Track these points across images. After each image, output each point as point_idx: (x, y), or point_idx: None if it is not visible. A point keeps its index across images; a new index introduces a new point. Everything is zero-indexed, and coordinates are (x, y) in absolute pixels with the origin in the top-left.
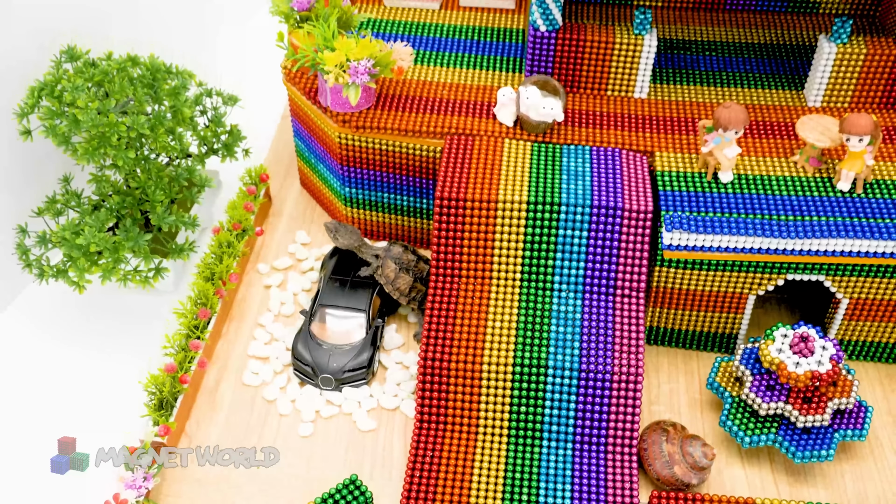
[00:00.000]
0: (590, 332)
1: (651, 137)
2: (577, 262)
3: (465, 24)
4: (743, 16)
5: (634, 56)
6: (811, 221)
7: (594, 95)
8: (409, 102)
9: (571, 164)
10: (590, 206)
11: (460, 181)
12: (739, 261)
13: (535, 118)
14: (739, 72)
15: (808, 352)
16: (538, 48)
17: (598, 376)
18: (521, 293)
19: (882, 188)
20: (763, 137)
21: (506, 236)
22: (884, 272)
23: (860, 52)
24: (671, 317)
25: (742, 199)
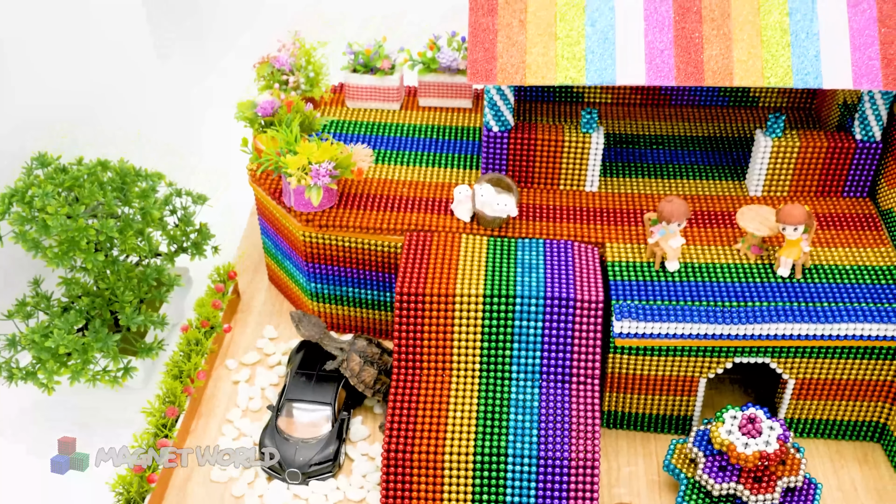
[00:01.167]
0: (547, 419)
1: (602, 229)
2: (534, 352)
3: (424, 124)
4: (687, 110)
5: (583, 153)
6: (754, 307)
7: (547, 190)
8: (370, 201)
9: (525, 257)
10: (543, 297)
11: (419, 276)
12: (688, 346)
13: (490, 214)
14: (685, 164)
15: (756, 433)
16: (492, 147)
17: (557, 462)
18: (481, 383)
19: (819, 273)
20: (708, 227)
21: (464, 328)
22: (826, 353)
23: (794, 145)
24: (627, 401)
25: (689, 286)
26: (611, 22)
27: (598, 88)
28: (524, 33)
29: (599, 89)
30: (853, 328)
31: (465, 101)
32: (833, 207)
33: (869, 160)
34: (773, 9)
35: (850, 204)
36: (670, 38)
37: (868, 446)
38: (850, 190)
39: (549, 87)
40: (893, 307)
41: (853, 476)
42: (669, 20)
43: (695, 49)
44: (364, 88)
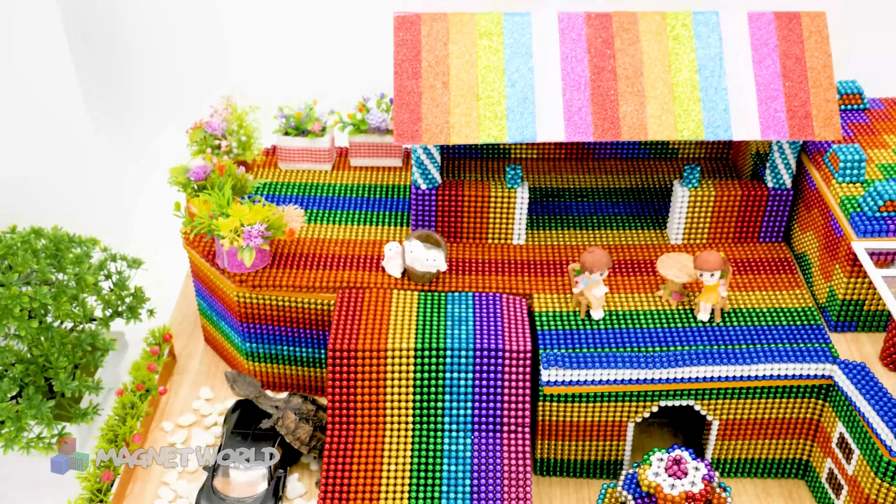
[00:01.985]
0: (479, 469)
1: (529, 281)
2: (465, 403)
3: (355, 183)
4: (610, 163)
5: (509, 207)
6: (676, 352)
7: (476, 244)
8: (303, 260)
9: (455, 310)
10: (473, 349)
11: (351, 332)
12: (615, 392)
13: (420, 269)
14: (609, 215)
15: (682, 473)
16: (420, 205)
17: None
18: (414, 436)
19: (738, 316)
20: (631, 275)
21: (396, 382)
22: (747, 393)
23: (710, 194)
24: (559, 448)
25: (614, 333)
26: (530, 83)
27: (523, 145)
28: (447, 95)
29: (525, 146)
30: (770, 368)
31: (396, 159)
32: (750, 252)
33: (781, 206)
34: (683, 66)
35: (767, 249)
36: (587, 96)
37: (793, 483)
38: (766, 235)
39: (477, 144)
40: (808, 347)
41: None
42: (586, 79)
43: (611, 106)
44: (296, 150)
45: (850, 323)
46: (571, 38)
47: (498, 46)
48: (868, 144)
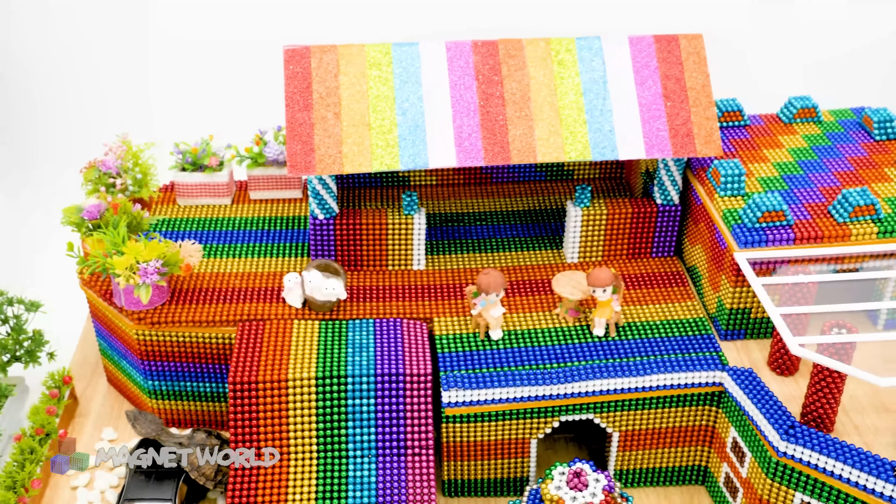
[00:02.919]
0: (385, 493)
1: (430, 305)
2: (368, 429)
3: (255, 216)
4: (507, 187)
5: (407, 234)
6: (574, 367)
7: (376, 271)
8: (202, 294)
9: (356, 337)
10: (374, 374)
11: (252, 364)
12: (516, 409)
13: (320, 298)
14: (507, 237)
15: (583, 486)
16: (319, 234)
17: None
18: (318, 464)
19: (632, 330)
20: (529, 295)
21: (299, 412)
22: (644, 404)
23: (602, 213)
24: (465, 468)
25: (512, 352)
26: (420, 110)
27: (420, 172)
28: (339, 125)
29: (422, 173)
30: (664, 378)
31: (296, 191)
32: (643, 268)
33: (670, 221)
34: (569, 90)
35: (659, 263)
36: (477, 121)
37: (694, 489)
38: (658, 250)
39: (377, 172)
40: (700, 356)
41: None
42: (475, 105)
43: (500, 131)
44: (194, 186)
45: (739, 331)
46: (459, 66)
47: (388, 76)
48: (749, 159)
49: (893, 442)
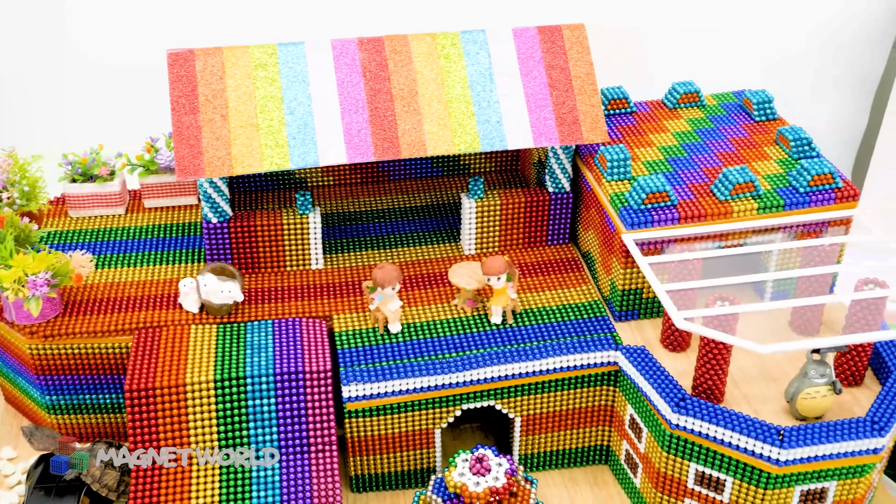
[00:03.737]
0: (289, 491)
1: (329, 303)
2: (270, 428)
3: (150, 224)
4: (405, 184)
5: (303, 233)
6: (472, 355)
7: (274, 272)
8: (97, 305)
9: (255, 338)
10: (273, 374)
11: (149, 371)
12: (417, 400)
13: (216, 302)
14: (405, 233)
15: (486, 470)
16: (213, 238)
17: None
18: (221, 467)
19: (530, 316)
20: (428, 288)
21: (199, 415)
22: (543, 388)
23: (496, 203)
24: (372, 463)
25: (412, 344)
26: (308, 109)
27: (318, 172)
28: (227, 127)
29: (320, 172)
30: (560, 361)
31: (191, 198)
32: (539, 256)
33: (563, 209)
34: (456, 83)
35: (555, 251)
36: (366, 117)
37: (598, 469)
38: (553, 238)
39: (273, 175)
40: (594, 337)
41: (586, 498)
42: (363, 102)
43: (389, 126)
44: (85, 197)
45: (633, 311)
46: (346, 64)
47: (274, 76)
48: (635, 144)
49: (780, 409)
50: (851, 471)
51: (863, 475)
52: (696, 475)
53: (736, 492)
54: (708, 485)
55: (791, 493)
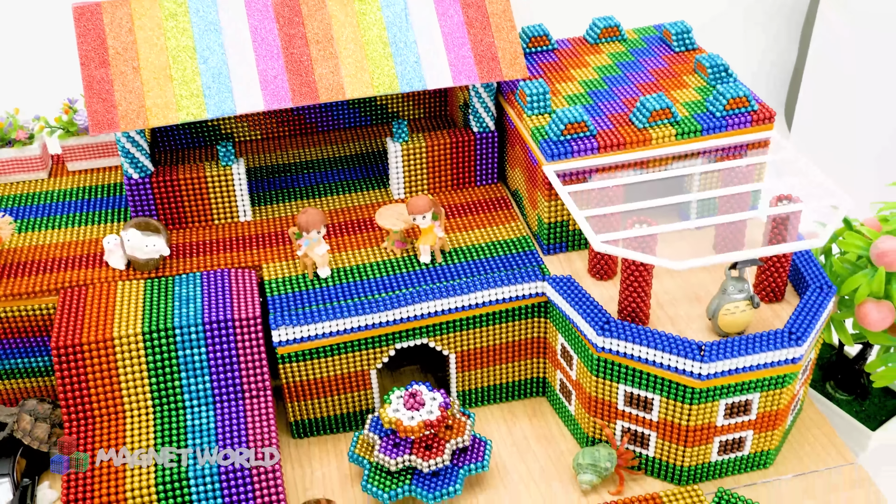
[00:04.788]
0: (225, 437)
1: (258, 253)
2: (203, 377)
3: (73, 187)
4: (333, 135)
5: (228, 185)
6: (403, 293)
7: (202, 226)
8: (21, 268)
9: (183, 291)
10: (202, 323)
11: (75, 327)
12: (349, 341)
13: (142, 257)
14: (334, 182)
15: (419, 405)
16: (136, 194)
17: (239, 474)
18: (155, 417)
19: (459, 254)
20: (358, 233)
21: (129, 369)
22: (474, 323)
23: (421, 146)
24: (310, 408)
25: (342, 288)
26: (222, 58)
27: (244, 127)
28: (139, 79)
29: (246, 127)
30: (489, 294)
31: (116, 158)
32: (469, 196)
33: (489, 148)
34: (372, 25)
35: (484, 191)
36: (281, 64)
37: (535, 401)
38: (481, 178)
39: (198, 132)
40: (523, 270)
41: (524, 430)
42: (278, 48)
43: (305, 71)
44: (4, 162)
45: (560, 244)
46: (258, 10)
47: (185, 26)
48: (557, 80)
49: (704, 327)
50: (773, 382)
51: (784, 386)
52: (626, 396)
53: (664, 409)
54: (637, 405)
55: (716, 406)
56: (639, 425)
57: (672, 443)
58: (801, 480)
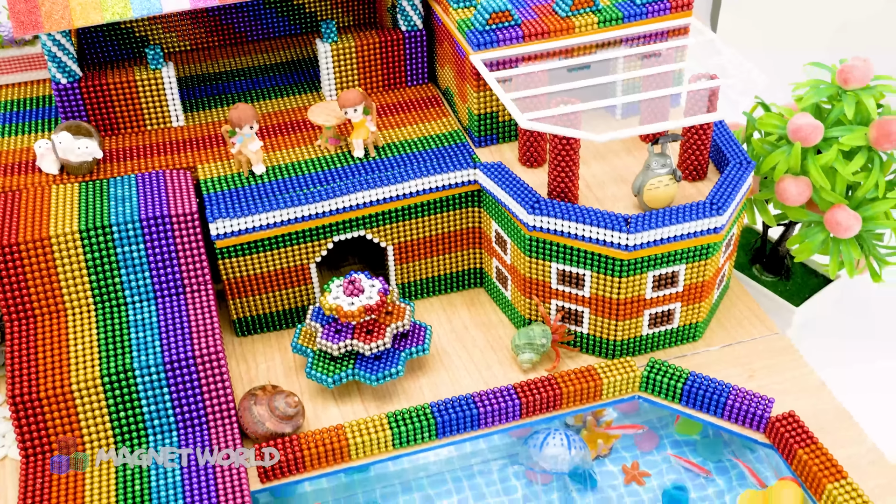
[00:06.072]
0: (168, 331)
1: (193, 156)
2: (143, 273)
3: (3, 100)
4: (264, 44)
5: (159, 89)
6: (337, 185)
7: (135, 132)
8: None
9: (118, 191)
10: (139, 219)
11: (10, 229)
12: (286, 233)
13: (74, 160)
14: (268, 88)
15: (359, 291)
16: (65, 100)
17: (183, 364)
18: (97, 315)
19: (392, 149)
20: (291, 134)
21: (68, 268)
22: (409, 213)
23: (350, 46)
24: (252, 304)
25: (278, 183)
26: None
27: (173, 37)
28: None
29: (175, 37)
30: (424, 183)
31: (45, 71)
32: (401, 96)
33: (418, 47)
34: None
35: (415, 91)
36: None
37: (474, 292)
38: (412, 78)
39: (126, 42)
40: (455, 160)
41: (464, 318)
42: None
43: None
44: None
45: (491, 136)
46: None
47: None
48: None
49: (630, 206)
50: (697, 252)
51: (708, 257)
52: (559, 274)
53: (595, 285)
54: (570, 282)
55: (644, 279)
56: (572, 302)
57: (604, 318)
58: (729, 351)
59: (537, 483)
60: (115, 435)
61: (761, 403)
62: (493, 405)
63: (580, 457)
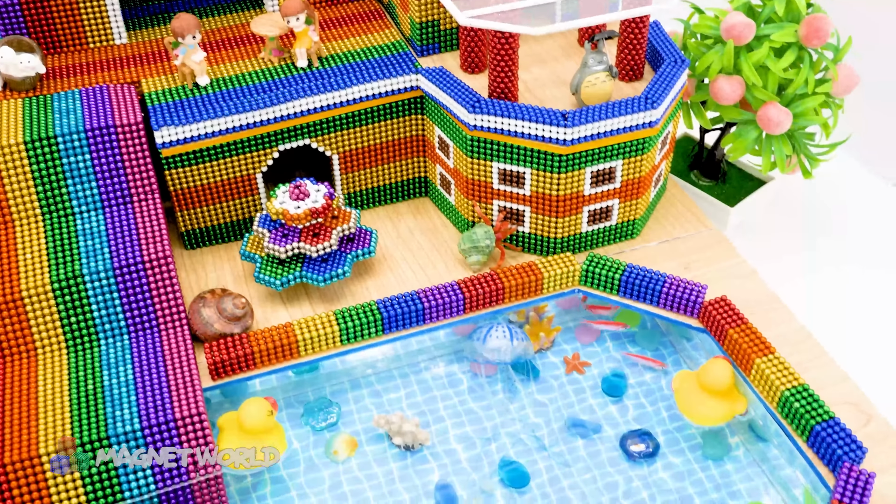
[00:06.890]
0: (115, 239)
1: (137, 71)
2: (90, 184)
3: None
4: None
5: (101, 5)
6: (280, 92)
7: (78, 51)
8: None
9: (63, 105)
10: (84, 130)
11: None
12: (231, 141)
13: (17, 75)
14: (211, 5)
15: (304, 195)
16: (5, 16)
17: (133, 269)
18: (45, 224)
19: (336, 59)
20: (236, 48)
21: (14, 178)
22: (353, 121)
23: None
24: (201, 216)
25: (222, 94)
26: None
27: None
28: None
29: None
30: (365, 89)
31: None
32: (343, 11)
33: None
34: None
35: (358, 5)
36: None
37: (419, 201)
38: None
39: None
40: (398, 68)
41: (409, 224)
42: None
43: None
44: None
45: (434, 45)
46: None
47: None
48: None
49: (569, 104)
50: (633, 147)
51: (644, 152)
52: (500, 174)
53: (535, 182)
54: (511, 181)
55: (582, 174)
56: (514, 202)
57: (545, 216)
58: (666, 246)
59: (482, 375)
60: (67, 339)
61: (695, 290)
62: (438, 300)
63: (522, 347)
